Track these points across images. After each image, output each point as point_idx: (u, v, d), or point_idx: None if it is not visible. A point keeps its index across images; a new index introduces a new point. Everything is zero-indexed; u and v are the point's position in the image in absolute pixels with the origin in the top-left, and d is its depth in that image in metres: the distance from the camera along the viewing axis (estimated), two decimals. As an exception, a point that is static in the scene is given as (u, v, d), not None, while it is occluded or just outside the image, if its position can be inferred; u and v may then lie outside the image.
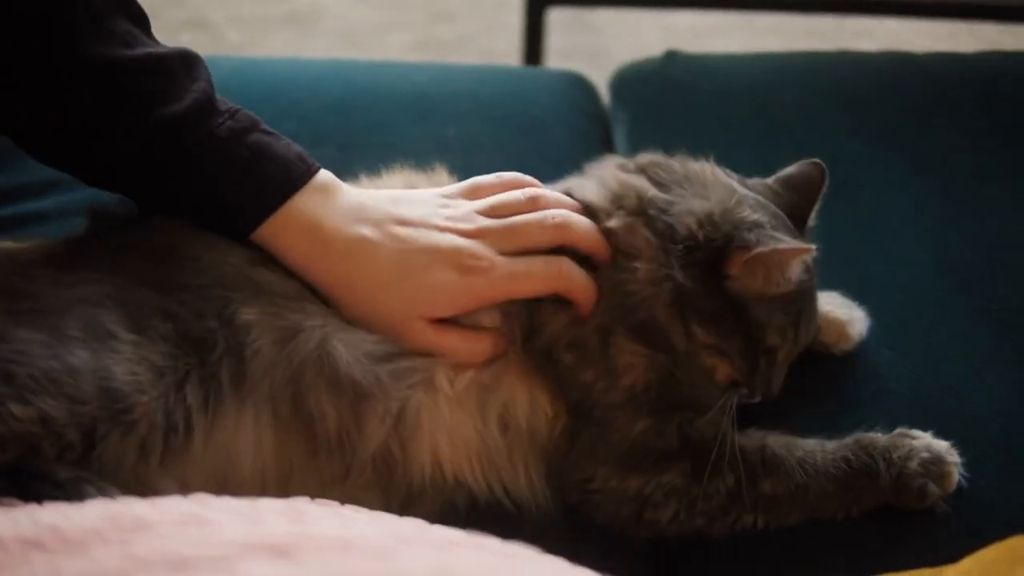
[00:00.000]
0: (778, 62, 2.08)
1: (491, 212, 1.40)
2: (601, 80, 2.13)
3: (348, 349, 1.30)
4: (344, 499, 1.25)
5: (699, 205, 1.40)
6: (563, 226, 1.39)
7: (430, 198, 1.42)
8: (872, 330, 1.54)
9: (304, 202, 1.34)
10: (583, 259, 1.39)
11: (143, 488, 1.18)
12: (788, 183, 1.50)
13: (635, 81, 2.05)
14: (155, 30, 1.38)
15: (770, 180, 1.49)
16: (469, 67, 2.30)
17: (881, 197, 1.74)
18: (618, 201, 1.43)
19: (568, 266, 1.37)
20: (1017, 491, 1.41)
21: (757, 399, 1.40)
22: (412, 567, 0.67)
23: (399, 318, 1.34)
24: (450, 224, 1.37)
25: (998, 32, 3.41)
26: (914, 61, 2.04)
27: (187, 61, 1.36)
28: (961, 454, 1.38)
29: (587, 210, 1.43)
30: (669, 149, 1.59)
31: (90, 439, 1.16)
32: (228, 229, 1.34)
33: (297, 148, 1.37)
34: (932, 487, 1.34)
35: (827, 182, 1.49)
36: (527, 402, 1.37)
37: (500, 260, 1.36)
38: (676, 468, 1.35)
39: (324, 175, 1.37)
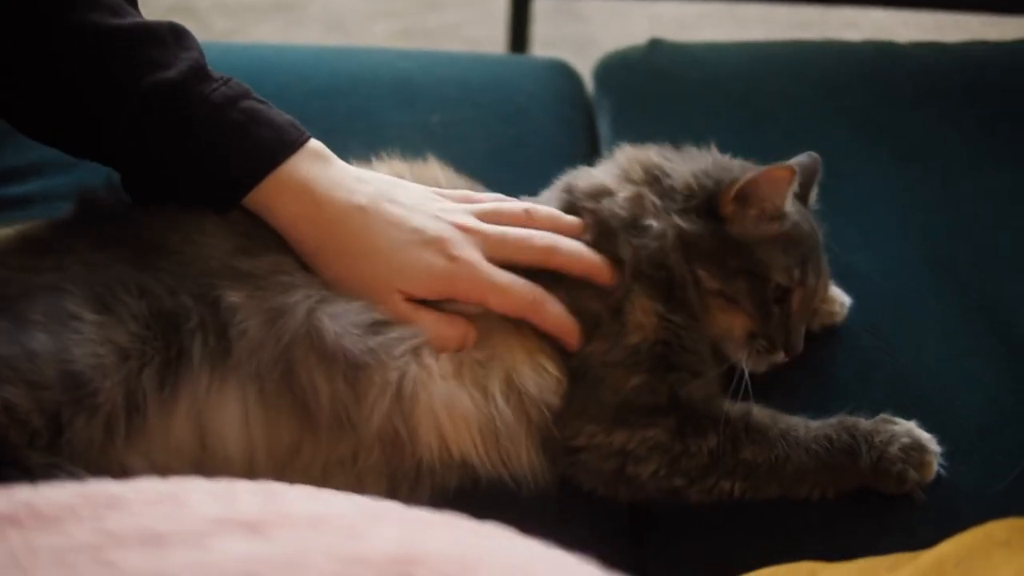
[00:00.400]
0: (762, 51, 2.08)
1: (485, 217, 1.42)
2: (587, 69, 2.13)
3: (335, 321, 1.31)
4: (353, 485, 1.30)
5: (696, 165, 1.49)
6: (550, 249, 1.40)
7: (424, 190, 1.44)
8: (855, 317, 1.55)
9: (298, 165, 1.35)
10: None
11: (114, 468, 1.21)
12: None
13: (619, 69, 2.05)
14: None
15: None
16: (455, 54, 2.29)
17: (865, 186, 1.75)
18: (626, 175, 1.49)
19: (548, 304, 1.38)
20: (997, 477, 1.41)
21: (781, 356, 1.43)
22: (381, 544, 0.67)
23: (379, 288, 1.35)
24: (443, 215, 1.39)
25: (983, 24, 3.41)
26: (898, 51, 2.04)
27: (176, 32, 1.37)
28: (942, 441, 1.39)
29: (600, 190, 1.47)
30: (653, 137, 1.60)
31: (56, 424, 1.16)
32: (222, 193, 1.35)
33: (288, 116, 1.38)
34: (911, 473, 1.35)
35: (821, 172, 1.53)
36: (532, 368, 1.38)
37: (486, 264, 1.37)
38: (662, 424, 1.36)
39: (317, 143, 1.39)
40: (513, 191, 1.53)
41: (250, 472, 1.28)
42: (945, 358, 1.53)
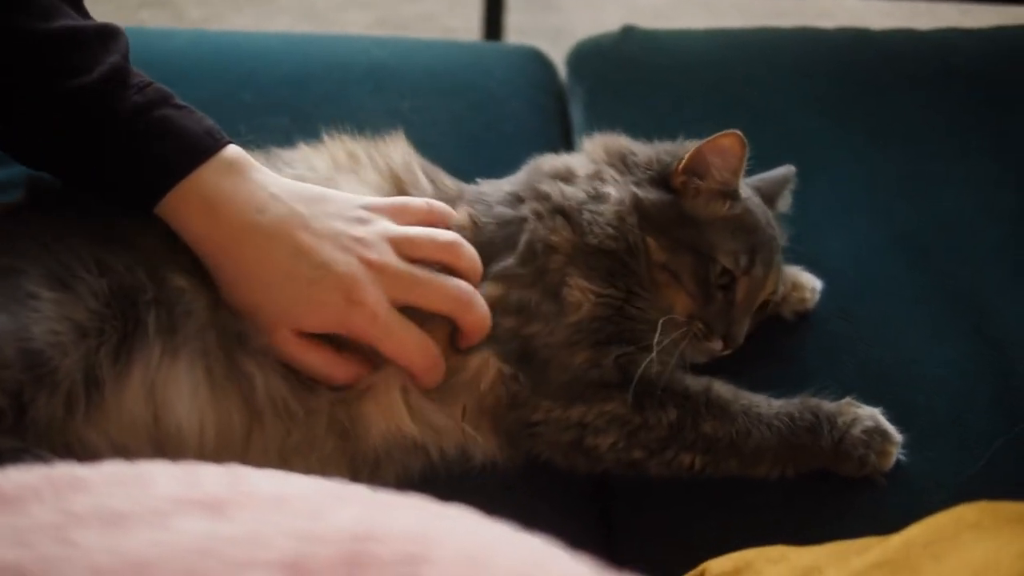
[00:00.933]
0: (735, 38, 2.08)
1: (402, 245, 1.37)
2: (562, 59, 2.13)
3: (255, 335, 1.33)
4: (315, 470, 1.30)
5: (662, 146, 1.51)
6: (464, 304, 1.38)
7: (348, 208, 1.38)
8: (825, 301, 1.55)
9: (206, 178, 1.31)
10: None
11: (75, 445, 1.22)
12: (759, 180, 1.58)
13: (592, 56, 2.05)
14: (114, 7, 1.38)
15: None
16: (427, 42, 2.28)
17: (836, 171, 1.75)
18: (591, 157, 1.52)
19: (437, 366, 1.37)
20: (968, 463, 1.42)
21: (719, 345, 1.42)
22: (341, 523, 0.67)
23: (268, 320, 1.33)
24: (356, 247, 1.34)
25: (959, 12, 3.43)
26: (871, 38, 2.04)
27: (104, 35, 1.34)
28: (912, 425, 1.40)
29: (564, 171, 1.49)
30: (625, 124, 1.61)
31: (19, 403, 1.16)
32: (134, 203, 1.32)
33: (208, 123, 1.35)
34: (872, 458, 1.36)
35: (795, 182, 1.57)
36: (476, 368, 1.38)
37: (385, 311, 1.34)
38: (618, 398, 1.36)
39: (233, 151, 1.34)
40: (484, 177, 1.53)
41: (204, 449, 1.29)
42: (916, 343, 1.54)
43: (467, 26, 3.56)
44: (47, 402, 1.18)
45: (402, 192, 1.48)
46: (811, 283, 1.56)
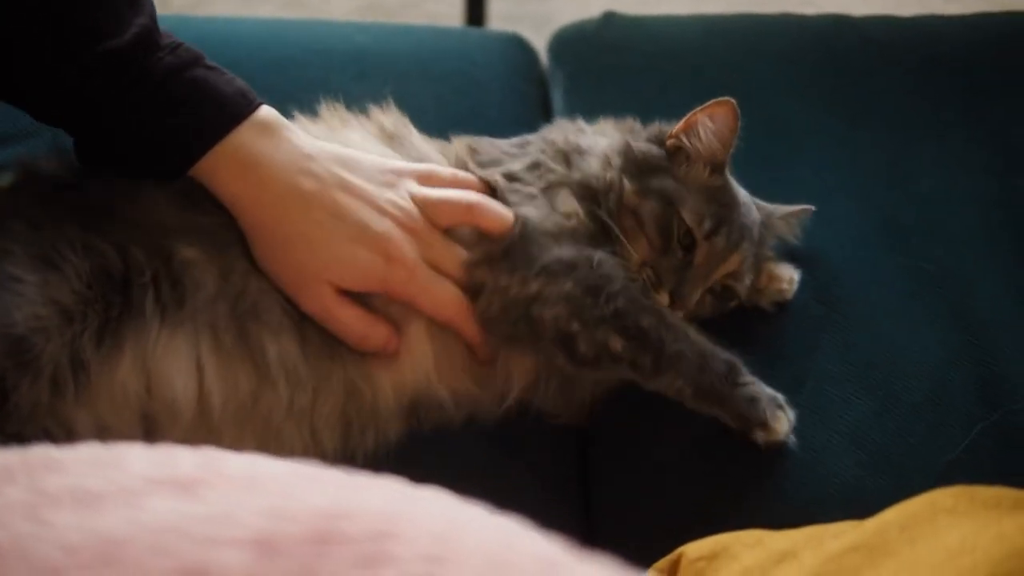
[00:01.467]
0: (717, 24, 2.08)
1: (427, 208, 1.42)
2: (545, 46, 2.13)
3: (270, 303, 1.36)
4: (307, 433, 1.37)
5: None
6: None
7: (378, 171, 1.42)
8: (805, 287, 1.55)
9: (243, 138, 1.33)
10: None
11: (64, 426, 1.24)
12: None
13: (573, 42, 2.05)
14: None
15: None
16: (410, 27, 2.29)
17: (818, 156, 1.75)
18: (600, 131, 1.59)
19: (471, 320, 1.42)
20: (946, 447, 1.42)
21: (665, 299, 1.43)
22: (312, 502, 0.68)
23: (308, 275, 1.35)
24: (390, 209, 1.38)
25: (943, 0, 3.42)
26: (853, 24, 2.04)
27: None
28: (892, 409, 1.44)
29: (577, 127, 1.58)
30: (606, 109, 1.62)
31: (2, 390, 1.17)
32: (165, 165, 1.34)
33: (240, 84, 1.37)
34: (759, 415, 1.37)
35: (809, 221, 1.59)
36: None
37: (421, 268, 1.38)
38: (581, 282, 1.39)
39: (267, 112, 1.37)
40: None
41: (204, 417, 1.31)
42: (896, 328, 1.54)
43: (451, 13, 3.55)
44: (30, 387, 1.19)
45: (394, 145, 1.52)
46: (789, 273, 1.56)
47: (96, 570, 0.61)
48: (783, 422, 1.36)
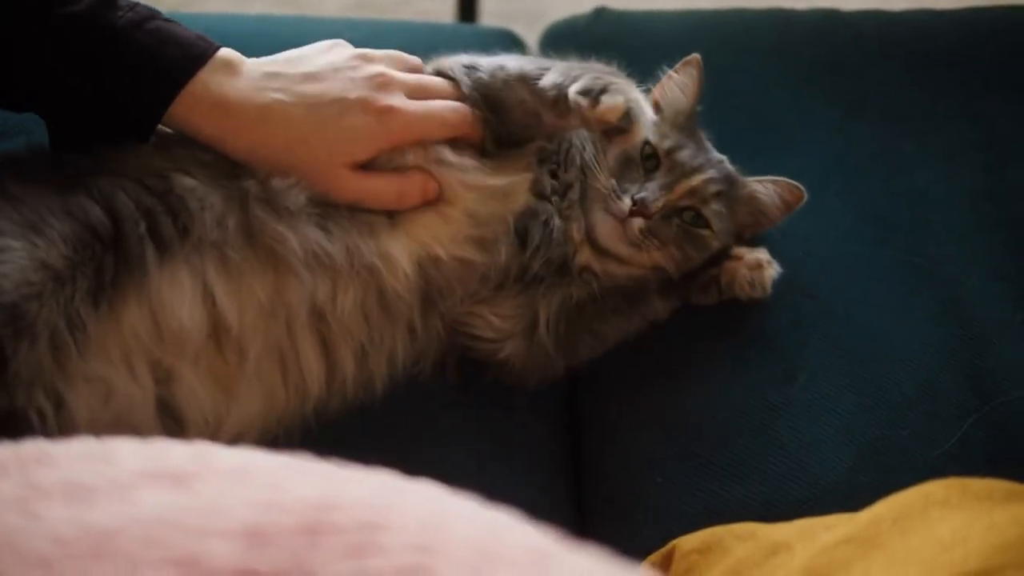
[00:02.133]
0: (708, 19, 2.08)
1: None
2: (536, 41, 2.13)
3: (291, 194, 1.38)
4: (329, 335, 1.40)
5: None
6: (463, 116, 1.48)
7: (328, 49, 1.47)
8: (794, 279, 1.55)
9: (210, 78, 1.35)
10: None
11: (71, 386, 1.26)
12: None
13: (564, 38, 2.04)
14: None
15: None
16: (401, 23, 2.29)
17: (807, 150, 1.75)
18: None
19: (466, 110, 1.47)
20: (938, 439, 1.43)
21: (626, 204, 1.46)
22: (303, 493, 0.68)
23: (323, 168, 1.39)
24: (355, 73, 1.42)
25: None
26: (843, 18, 2.04)
27: None
28: (882, 402, 1.44)
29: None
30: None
31: (0, 356, 1.18)
32: (139, 117, 1.35)
33: (196, 32, 1.39)
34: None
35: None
36: None
37: (412, 104, 1.42)
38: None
39: (227, 52, 1.39)
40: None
41: (218, 347, 1.35)
42: (885, 321, 1.54)
43: (443, 9, 3.54)
44: (29, 353, 1.20)
45: None
46: (770, 274, 1.55)
47: (87, 561, 0.62)
48: (611, 103, 1.38)
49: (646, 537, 1.36)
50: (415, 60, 1.52)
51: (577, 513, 1.47)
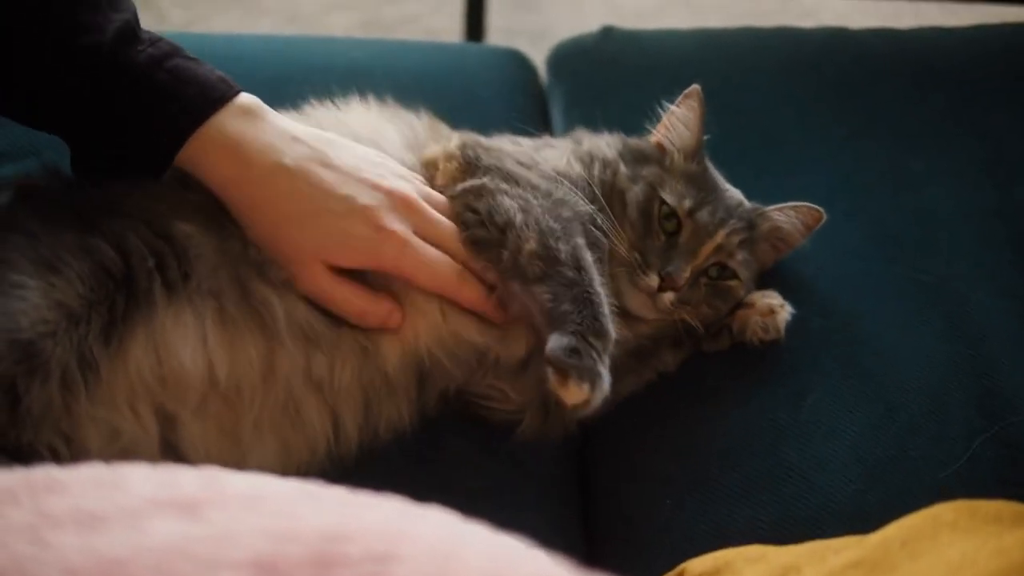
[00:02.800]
0: (715, 38, 2.08)
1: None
2: (544, 60, 2.13)
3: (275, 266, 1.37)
4: (330, 408, 1.38)
5: None
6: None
7: (370, 155, 1.43)
8: (803, 298, 1.55)
9: (226, 122, 1.34)
10: None
11: (73, 433, 1.25)
12: None
13: (572, 57, 2.05)
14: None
15: None
16: (408, 43, 2.29)
17: (814, 168, 1.76)
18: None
19: (468, 285, 1.42)
20: (946, 460, 1.42)
21: (654, 282, 1.45)
22: (313, 522, 0.68)
23: (303, 256, 1.36)
24: (377, 181, 1.38)
25: (941, 12, 3.43)
26: (850, 37, 2.05)
27: None
28: (891, 422, 1.44)
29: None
30: (605, 124, 1.63)
31: (13, 393, 1.18)
32: (152, 154, 1.34)
33: (220, 73, 1.38)
34: (572, 382, 1.31)
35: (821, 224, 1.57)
36: None
37: (416, 240, 1.38)
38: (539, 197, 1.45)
39: (248, 98, 1.37)
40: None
41: (217, 397, 1.33)
42: (893, 340, 1.54)
43: (450, 27, 3.55)
44: (40, 391, 1.20)
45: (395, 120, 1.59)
46: (783, 317, 1.54)
47: (98, 592, 0.62)
48: (577, 390, 1.29)
49: (655, 559, 1.35)
50: (441, 198, 1.46)
51: (586, 535, 1.47)
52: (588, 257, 1.39)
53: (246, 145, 1.34)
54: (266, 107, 1.39)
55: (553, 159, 1.53)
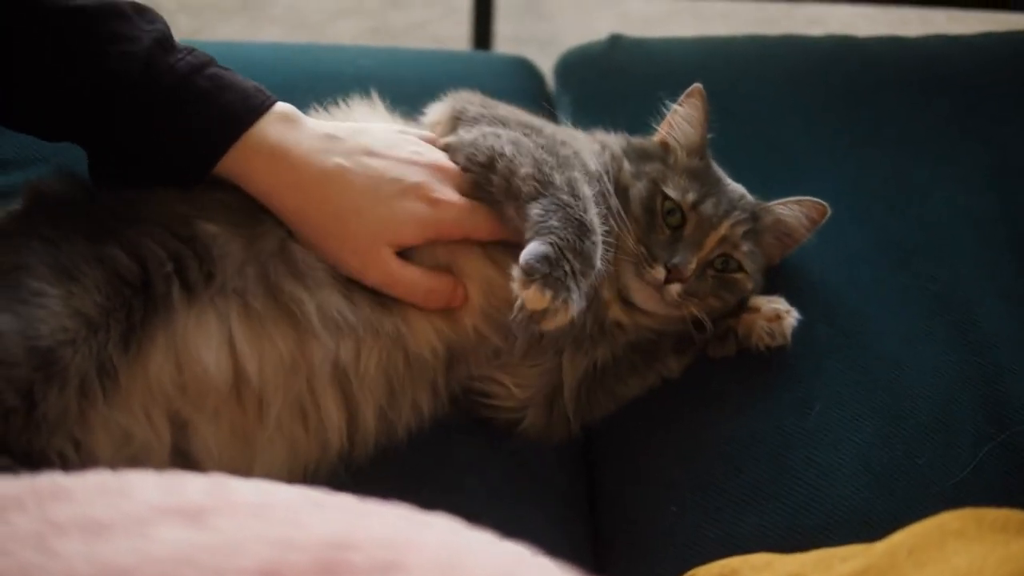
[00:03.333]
0: (721, 46, 2.08)
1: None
2: (551, 68, 2.13)
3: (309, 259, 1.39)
4: (355, 395, 1.39)
5: None
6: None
7: (393, 132, 1.47)
8: (809, 305, 1.55)
9: (268, 128, 1.36)
10: None
11: (90, 431, 1.26)
12: None
13: (579, 65, 2.05)
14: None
15: None
16: (415, 51, 2.30)
17: (821, 176, 1.75)
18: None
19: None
20: (953, 468, 1.42)
21: (661, 274, 1.45)
22: (319, 530, 0.68)
23: (367, 243, 1.38)
24: (417, 158, 1.43)
25: (948, 20, 3.43)
26: (857, 44, 2.05)
27: (140, 7, 1.37)
28: (898, 430, 1.44)
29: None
30: (613, 130, 1.62)
31: (30, 399, 1.19)
32: (191, 161, 1.36)
33: (254, 82, 1.40)
34: (534, 286, 1.30)
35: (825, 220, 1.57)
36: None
37: (465, 202, 1.42)
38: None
39: (285, 105, 1.40)
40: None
41: (239, 396, 1.34)
42: (900, 347, 1.54)
43: (459, 35, 3.55)
44: (59, 395, 1.21)
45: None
46: (790, 324, 1.53)
47: (102, 600, 0.62)
48: (539, 295, 1.28)
49: (662, 567, 1.35)
50: (454, 168, 1.48)
51: (593, 542, 1.47)
52: (586, 190, 1.41)
53: (291, 151, 1.37)
54: (300, 113, 1.42)
55: (567, 146, 1.51)
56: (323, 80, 1.81)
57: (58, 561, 0.65)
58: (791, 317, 1.51)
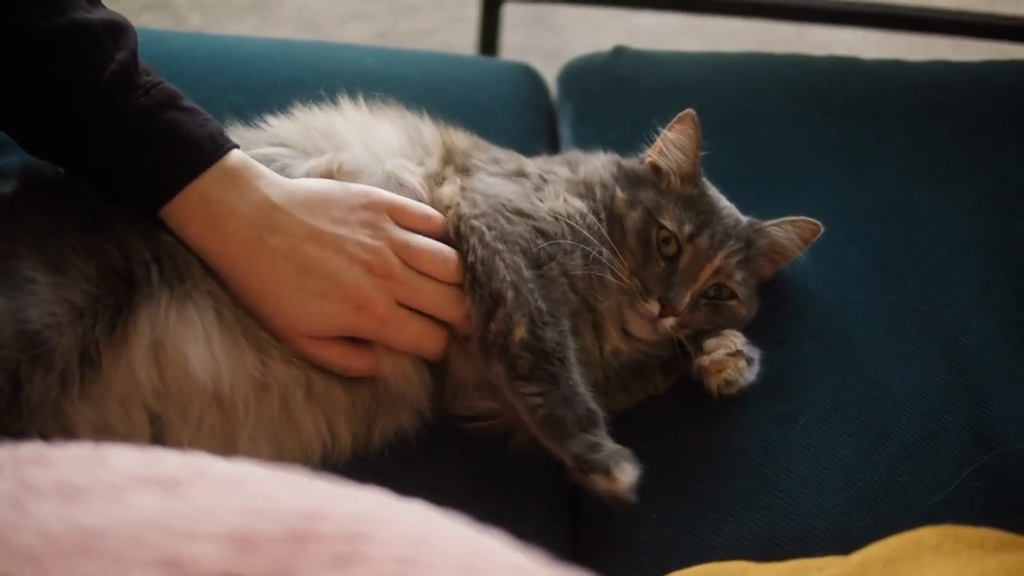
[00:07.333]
0: (726, 62, 2.09)
1: (401, 251, 1.42)
2: (555, 78, 2.14)
3: None
4: (329, 422, 1.39)
5: None
6: (456, 305, 1.44)
7: (352, 210, 1.41)
8: (800, 321, 1.56)
9: (210, 187, 1.34)
10: None
11: (70, 421, 1.26)
12: None
13: (583, 75, 2.06)
14: (117, 7, 1.38)
15: None
16: (420, 53, 2.30)
17: (817, 194, 1.76)
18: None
19: (440, 336, 1.44)
20: (935, 487, 1.43)
21: (655, 308, 1.47)
22: (290, 503, 0.68)
23: (281, 326, 1.38)
24: (361, 254, 1.38)
25: (952, 47, 3.43)
26: (860, 66, 2.06)
27: (114, 30, 1.35)
28: (882, 448, 1.44)
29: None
30: (612, 142, 1.64)
31: (16, 380, 1.20)
32: (139, 201, 1.35)
33: (213, 127, 1.37)
34: (617, 470, 1.33)
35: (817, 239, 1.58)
36: None
37: (392, 313, 1.40)
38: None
39: (236, 158, 1.36)
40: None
41: (218, 399, 1.34)
42: (888, 367, 1.54)
43: (465, 42, 3.55)
44: (42, 379, 1.22)
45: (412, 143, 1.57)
46: (746, 377, 1.51)
47: (74, 558, 0.62)
48: (626, 473, 1.32)
49: (640, 571, 1.36)
50: (439, 219, 1.48)
51: (572, 546, 1.47)
52: (571, 344, 1.41)
53: (226, 220, 1.34)
54: (253, 165, 1.38)
55: (550, 198, 1.51)
56: (327, 77, 1.82)
57: (31, 520, 0.66)
58: (741, 360, 1.50)
